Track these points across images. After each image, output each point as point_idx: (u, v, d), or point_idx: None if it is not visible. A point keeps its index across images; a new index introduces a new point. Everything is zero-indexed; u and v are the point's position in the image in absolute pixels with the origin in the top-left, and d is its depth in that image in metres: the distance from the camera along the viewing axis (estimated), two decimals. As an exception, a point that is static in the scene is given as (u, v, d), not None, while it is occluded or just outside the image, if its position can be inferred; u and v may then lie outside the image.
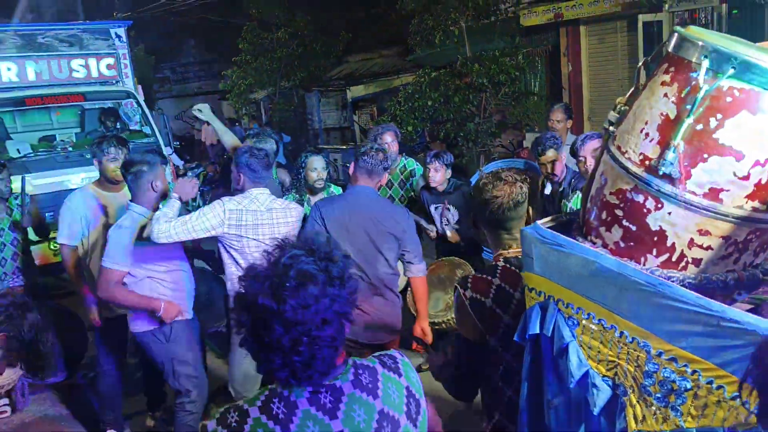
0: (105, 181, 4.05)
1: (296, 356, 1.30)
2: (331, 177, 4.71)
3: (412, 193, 5.26)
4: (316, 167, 4.49)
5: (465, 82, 9.66)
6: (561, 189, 4.45)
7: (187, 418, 3.52)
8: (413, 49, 11.44)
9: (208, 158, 13.94)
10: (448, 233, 4.89)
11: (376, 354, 1.53)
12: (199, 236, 3.31)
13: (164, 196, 3.51)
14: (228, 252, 3.46)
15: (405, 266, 3.65)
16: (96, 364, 4.20)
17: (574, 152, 4.16)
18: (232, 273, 3.50)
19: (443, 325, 4.21)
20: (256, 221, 3.40)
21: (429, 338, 3.66)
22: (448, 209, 4.88)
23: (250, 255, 3.38)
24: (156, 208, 3.41)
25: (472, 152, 9.51)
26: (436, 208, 4.96)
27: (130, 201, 3.48)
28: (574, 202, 4.04)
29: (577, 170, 4.32)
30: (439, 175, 4.84)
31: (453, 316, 3.80)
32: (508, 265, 2.07)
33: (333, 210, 3.46)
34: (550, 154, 4.39)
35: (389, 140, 5.08)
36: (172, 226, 3.20)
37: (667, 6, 8.96)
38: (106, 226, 3.68)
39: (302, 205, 4.45)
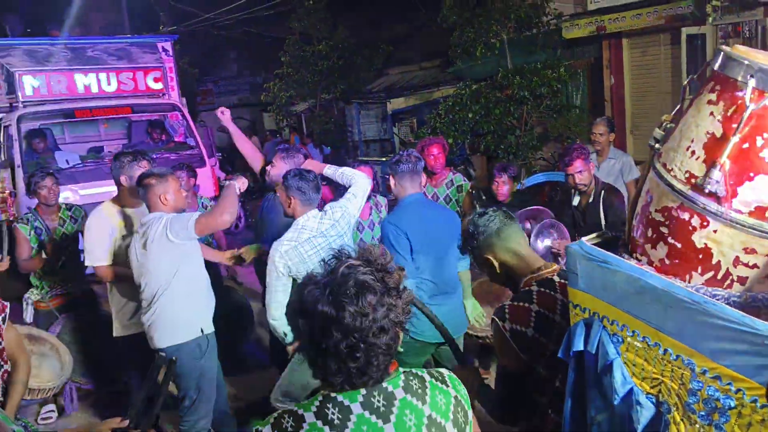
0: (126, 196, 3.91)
1: (352, 362, 1.34)
2: (376, 187, 4.76)
3: (458, 209, 5.24)
4: None
5: (506, 94, 9.64)
6: (590, 200, 4.42)
7: None
8: (454, 62, 11.47)
9: (249, 170, 14.15)
10: None
11: (427, 369, 1.56)
12: (285, 294, 3.37)
13: (180, 209, 3.49)
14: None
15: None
16: (128, 378, 4.21)
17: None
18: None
19: (488, 340, 4.22)
20: (315, 249, 3.37)
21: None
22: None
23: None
24: None
25: (515, 165, 9.47)
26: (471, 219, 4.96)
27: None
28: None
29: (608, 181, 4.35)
30: (506, 188, 4.89)
31: None
32: (542, 289, 2.03)
33: (411, 223, 3.50)
34: (578, 164, 4.38)
35: (436, 152, 5.12)
36: (272, 311, 3.36)
37: (711, 19, 8.82)
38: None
39: None
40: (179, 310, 3.41)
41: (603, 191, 4.36)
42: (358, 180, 3.75)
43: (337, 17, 16.28)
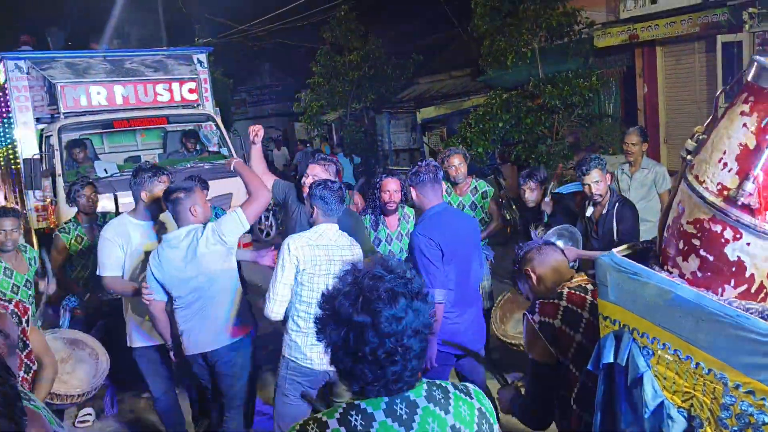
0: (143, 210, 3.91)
1: (392, 366, 1.38)
2: (404, 198, 4.77)
3: (483, 215, 5.25)
4: (389, 189, 4.56)
5: (537, 103, 9.59)
6: (603, 212, 4.38)
7: None
8: (484, 71, 11.45)
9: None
10: None
11: (452, 382, 1.58)
12: (287, 288, 3.35)
13: (207, 219, 3.56)
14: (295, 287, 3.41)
15: None
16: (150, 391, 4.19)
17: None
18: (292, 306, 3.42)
19: (521, 347, 4.24)
20: (329, 257, 3.36)
21: None
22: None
23: (317, 291, 3.29)
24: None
25: (549, 176, 9.40)
26: (535, 226, 4.95)
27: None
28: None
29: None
30: (535, 194, 4.86)
31: None
32: (572, 291, 2.17)
33: (442, 233, 3.50)
34: (594, 174, 4.34)
35: (457, 162, 5.12)
36: (272, 305, 3.33)
37: (747, 26, 8.65)
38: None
39: (377, 226, 4.57)
40: (236, 308, 3.54)
41: (617, 203, 4.34)
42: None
43: (368, 27, 16.40)
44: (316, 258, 3.33)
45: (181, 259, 3.41)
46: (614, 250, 1.66)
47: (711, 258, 1.49)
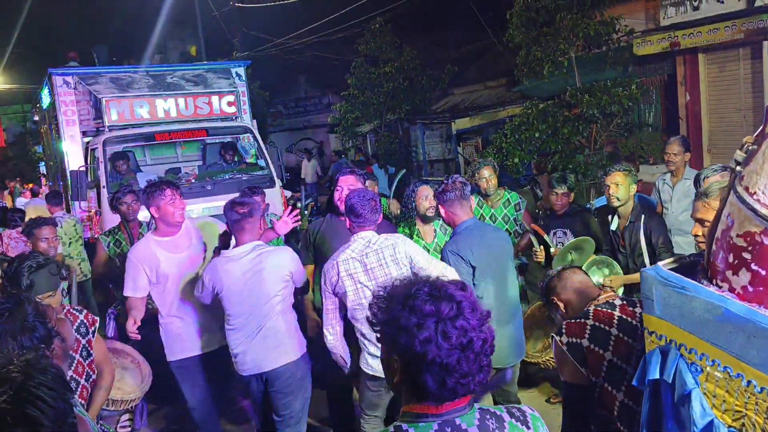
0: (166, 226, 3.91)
1: (485, 356, 1.36)
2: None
3: (517, 227, 5.19)
4: (427, 195, 4.53)
5: (574, 113, 9.47)
6: (628, 223, 4.30)
7: None
8: (520, 81, 11.37)
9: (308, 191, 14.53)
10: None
11: (506, 405, 1.52)
12: (336, 311, 3.44)
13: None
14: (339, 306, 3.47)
15: None
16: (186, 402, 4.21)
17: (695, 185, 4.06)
18: (331, 321, 3.47)
19: (541, 365, 4.27)
20: (366, 266, 3.34)
21: None
22: (565, 233, 4.84)
23: (360, 302, 3.33)
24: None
25: (582, 185, 9.25)
26: (554, 232, 4.91)
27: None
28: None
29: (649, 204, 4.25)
30: (563, 200, 4.87)
31: (550, 356, 3.85)
32: (599, 308, 2.17)
33: (472, 249, 3.50)
34: (616, 177, 4.31)
35: (487, 174, 5.09)
36: (329, 331, 3.45)
37: (795, 31, 8.43)
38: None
39: (411, 236, 4.52)
40: (293, 326, 3.62)
41: (642, 214, 4.28)
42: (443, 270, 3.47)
43: (402, 39, 16.48)
44: (350, 269, 3.33)
45: (242, 273, 3.43)
46: (660, 263, 1.62)
47: (763, 272, 1.44)
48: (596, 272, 4.32)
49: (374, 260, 3.33)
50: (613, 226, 4.45)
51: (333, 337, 3.45)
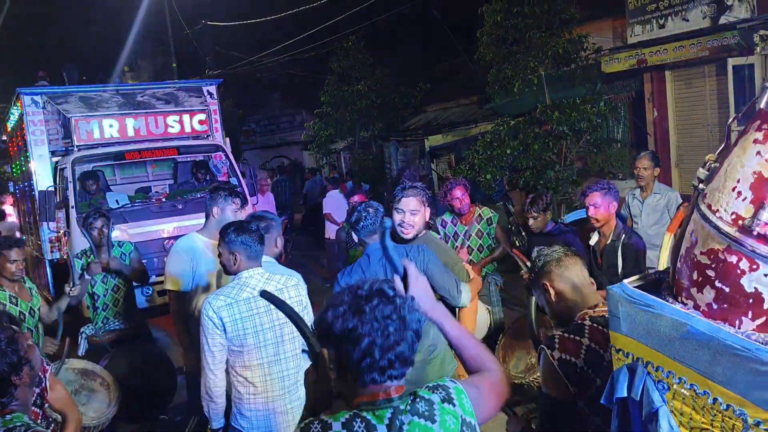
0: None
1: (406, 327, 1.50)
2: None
3: (491, 241, 5.25)
4: (457, 196, 4.94)
5: (545, 129, 9.59)
6: (608, 242, 4.32)
7: None
8: (491, 98, 11.50)
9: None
10: None
11: (430, 386, 1.63)
12: (223, 355, 3.05)
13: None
14: (232, 366, 3.09)
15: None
16: (189, 409, 4.13)
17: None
18: (240, 395, 3.09)
19: (524, 386, 4.14)
20: (252, 312, 3.02)
21: None
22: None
23: (252, 359, 3.02)
24: None
25: (553, 201, 9.35)
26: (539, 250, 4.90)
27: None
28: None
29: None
30: (540, 221, 4.91)
31: (534, 377, 3.74)
32: (595, 325, 2.03)
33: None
34: (595, 197, 4.32)
35: (459, 194, 5.17)
36: (208, 372, 3.04)
37: (758, 49, 8.63)
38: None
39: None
40: None
41: (623, 235, 4.25)
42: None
43: (375, 57, 16.58)
44: (236, 315, 3.02)
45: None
46: (625, 281, 1.63)
47: (727, 289, 1.45)
48: None
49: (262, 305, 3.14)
50: (592, 242, 4.47)
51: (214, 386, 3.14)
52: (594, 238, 4.43)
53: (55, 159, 8.28)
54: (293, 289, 3.21)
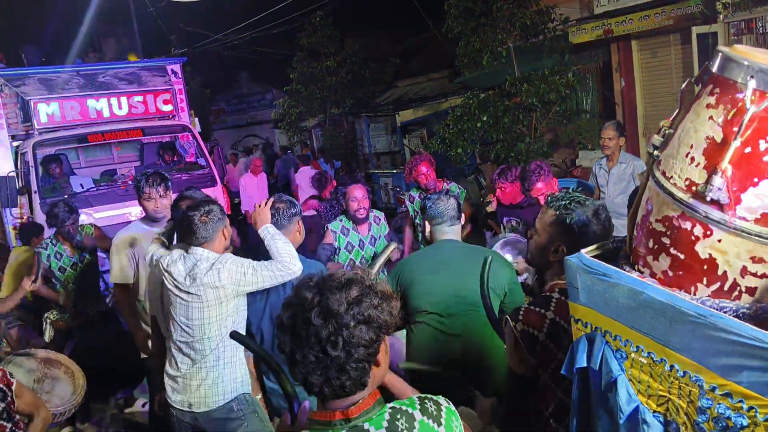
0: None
1: (332, 348, 1.30)
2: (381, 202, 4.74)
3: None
4: (356, 196, 4.43)
5: (514, 102, 9.59)
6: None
7: None
8: (461, 72, 11.45)
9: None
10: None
11: (421, 396, 1.49)
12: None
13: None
14: None
15: None
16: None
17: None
18: None
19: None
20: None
21: None
22: (518, 222, 4.77)
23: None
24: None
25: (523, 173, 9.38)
26: (507, 220, 4.86)
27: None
28: None
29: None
30: (509, 193, 4.71)
31: None
32: (563, 298, 1.99)
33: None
34: (540, 187, 4.26)
35: (425, 170, 5.11)
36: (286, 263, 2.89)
37: (721, 17, 8.70)
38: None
39: (348, 229, 4.50)
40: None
41: None
42: (286, 263, 2.90)
43: (344, 33, 16.37)
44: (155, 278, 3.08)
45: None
46: (583, 250, 1.61)
47: (682, 256, 1.44)
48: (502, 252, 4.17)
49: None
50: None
51: None
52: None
53: (15, 143, 8.06)
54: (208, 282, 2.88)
